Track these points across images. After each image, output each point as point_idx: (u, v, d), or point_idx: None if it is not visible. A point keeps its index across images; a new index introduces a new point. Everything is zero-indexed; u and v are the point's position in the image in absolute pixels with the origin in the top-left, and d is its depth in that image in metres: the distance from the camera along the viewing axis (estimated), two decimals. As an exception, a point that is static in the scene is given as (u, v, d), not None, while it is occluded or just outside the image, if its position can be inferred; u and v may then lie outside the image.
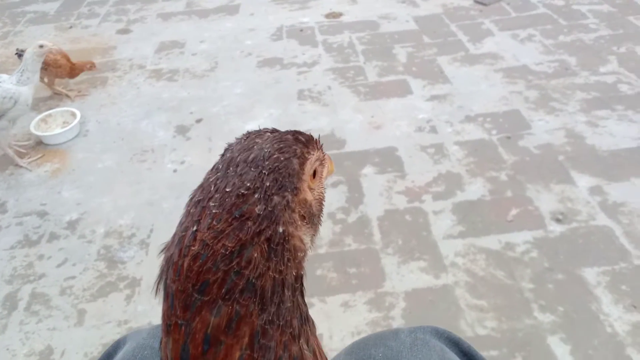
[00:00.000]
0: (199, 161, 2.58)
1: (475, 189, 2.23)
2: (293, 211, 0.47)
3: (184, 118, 2.90)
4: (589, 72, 2.92)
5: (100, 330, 1.84)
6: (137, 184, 2.48)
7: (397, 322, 1.74)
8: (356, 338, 1.69)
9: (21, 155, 2.68)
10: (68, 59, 3.05)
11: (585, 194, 2.14)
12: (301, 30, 3.69)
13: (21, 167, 2.64)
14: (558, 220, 2.03)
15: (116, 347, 0.79)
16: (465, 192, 2.22)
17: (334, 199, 2.28)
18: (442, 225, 2.08)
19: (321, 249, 2.05)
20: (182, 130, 2.81)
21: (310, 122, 2.77)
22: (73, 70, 3.08)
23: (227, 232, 0.43)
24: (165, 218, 2.27)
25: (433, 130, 2.60)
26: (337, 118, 2.77)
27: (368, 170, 2.40)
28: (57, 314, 1.91)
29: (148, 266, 2.06)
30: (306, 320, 0.48)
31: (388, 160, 2.45)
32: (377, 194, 2.27)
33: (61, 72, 3.05)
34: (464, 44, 3.30)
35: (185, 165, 2.57)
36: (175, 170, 2.54)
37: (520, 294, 1.77)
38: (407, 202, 2.21)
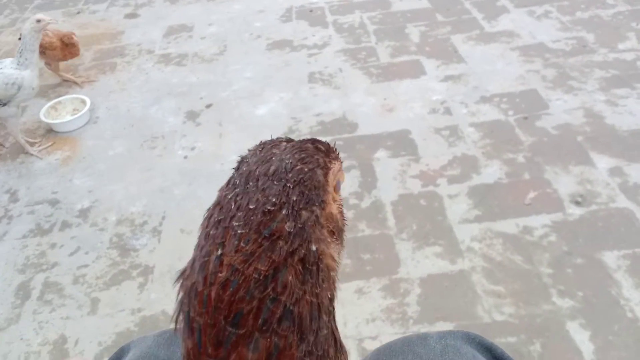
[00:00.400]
0: (209, 147, 2.56)
1: (492, 172, 2.18)
2: (322, 227, 0.43)
3: (193, 103, 2.87)
4: (608, 50, 2.82)
5: (114, 318, 1.84)
6: (147, 170, 2.46)
7: (412, 309, 1.71)
8: (371, 325, 1.67)
9: (32, 144, 2.67)
10: (62, 40, 3.00)
11: (605, 176, 2.08)
12: (311, 11, 3.62)
13: (32, 155, 2.63)
14: (577, 203, 1.98)
15: (120, 354, 0.76)
16: (481, 175, 2.17)
17: (346, 183, 2.23)
18: (458, 209, 2.04)
19: (334, 234, 2.02)
20: (192, 115, 2.78)
21: (322, 105, 2.72)
22: (65, 50, 3.02)
23: (257, 254, 0.39)
24: (177, 205, 2.26)
25: (447, 111, 2.54)
26: (349, 101, 2.72)
27: (381, 154, 2.36)
28: (70, 303, 1.91)
29: (161, 253, 2.05)
30: (340, 347, 0.44)
31: (401, 143, 2.40)
32: (391, 178, 2.23)
33: (56, 54, 3.01)
34: (479, 22, 3.21)
35: (195, 151, 2.54)
36: (185, 157, 2.52)
37: (539, 279, 1.73)
38: (421, 186, 2.17)
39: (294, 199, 0.42)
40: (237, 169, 0.47)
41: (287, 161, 0.45)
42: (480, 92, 2.63)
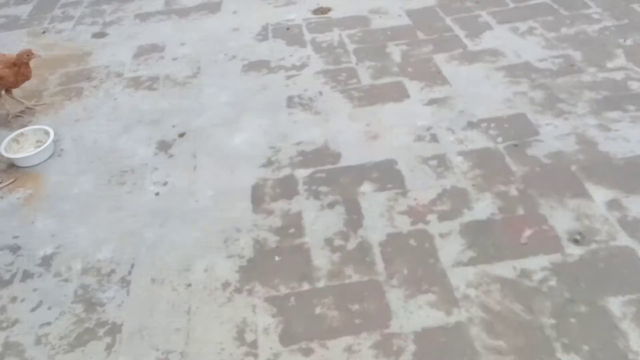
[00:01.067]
0: (182, 182, 2.39)
1: (484, 207, 2.06)
2: None
3: (165, 132, 2.70)
4: (596, 69, 2.74)
5: (79, 386, 1.67)
6: (116, 210, 2.29)
7: (407, 369, 1.57)
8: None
9: None
10: (14, 64, 2.81)
11: (603, 210, 1.98)
12: (288, 29, 3.48)
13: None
14: (576, 242, 1.87)
15: None
16: (473, 211, 2.04)
17: (330, 222, 2.10)
18: (451, 250, 1.91)
19: (319, 282, 1.88)
20: (164, 146, 2.61)
21: (302, 133, 2.58)
22: (18, 74, 2.83)
23: None
24: (147, 250, 2.09)
25: (434, 139, 2.42)
26: (330, 128, 2.58)
27: (366, 187, 2.22)
28: (31, 369, 1.73)
29: (130, 308, 1.88)
30: None
31: (387, 175, 2.27)
32: (378, 215, 2.09)
33: (6, 82, 2.84)
34: (462, 40, 3.10)
35: (168, 187, 2.38)
36: (157, 193, 2.35)
37: (541, 332, 1.61)
38: (410, 224, 2.04)
39: None
40: None
41: None
42: (467, 117, 2.52)
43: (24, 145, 2.70)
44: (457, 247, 1.92)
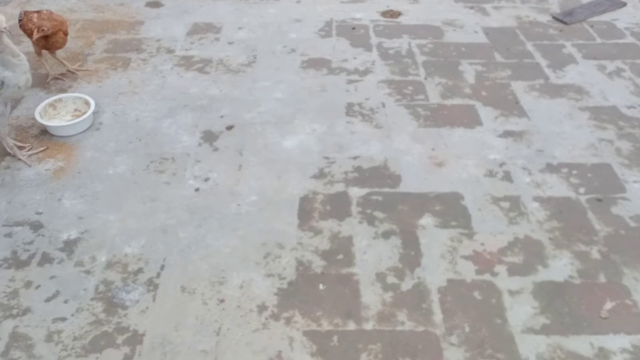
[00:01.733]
0: (226, 180, 2.19)
1: (561, 267, 1.82)
2: None
3: (213, 122, 2.50)
4: (692, 125, 2.47)
5: (88, 401, 1.48)
6: (151, 201, 2.09)
7: None
8: None
9: (20, 147, 2.30)
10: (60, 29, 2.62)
11: (699, 292, 1.73)
12: (353, 28, 3.25)
13: (20, 160, 2.25)
14: (666, 327, 1.63)
15: None
16: (549, 269, 1.81)
17: (384, 254, 1.88)
18: (521, 312, 1.68)
19: (367, 323, 1.66)
20: (209, 137, 2.41)
21: (360, 146, 2.36)
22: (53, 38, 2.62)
23: None
24: (180, 252, 1.89)
25: (507, 177, 2.18)
26: (392, 146, 2.36)
27: (427, 220, 2.00)
28: (37, 370, 1.55)
29: (154, 317, 1.69)
30: None
31: (452, 210, 2.04)
32: (439, 256, 1.87)
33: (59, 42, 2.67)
34: (543, 70, 2.85)
35: (209, 183, 2.18)
36: (197, 189, 2.15)
37: None
38: (475, 273, 1.81)
39: None
40: None
41: None
42: (545, 158, 2.27)
43: (61, 112, 2.52)
44: (528, 310, 1.69)
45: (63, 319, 1.68)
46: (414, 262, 1.85)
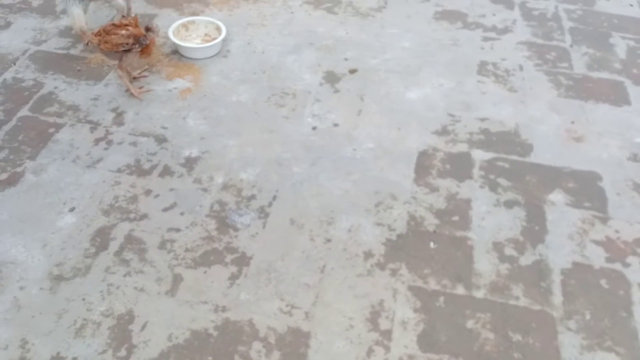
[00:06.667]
0: (344, 123, 2.14)
1: None
2: None
3: (336, 63, 2.43)
4: None
5: (193, 309, 1.53)
6: (269, 132, 2.09)
7: None
8: None
9: (135, 77, 2.30)
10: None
11: None
12: (495, -16, 3.01)
13: (131, 94, 2.25)
14: None
15: None
16: (693, 272, 1.61)
17: (505, 223, 1.76)
18: (654, 311, 1.51)
19: (478, 290, 1.57)
20: (331, 78, 2.36)
21: (490, 108, 2.20)
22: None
23: None
24: (292, 186, 1.88)
25: (655, 164, 1.95)
26: (526, 112, 2.18)
27: (557, 196, 1.84)
28: (149, 271, 1.61)
29: (262, 243, 1.70)
30: None
31: (587, 189, 1.86)
32: (566, 236, 1.72)
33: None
34: None
35: (327, 123, 2.13)
36: (314, 128, 2.11)
37: None
38: (605, 260, 1.65)
39: None
40: None
41: None
42: None
43: (192, 34, 2.57)
44: (663, 310, 1.51)
45: (177, 230, 1.74)
46: (537, 238, 1.71)
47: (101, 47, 2.14)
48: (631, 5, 2.87)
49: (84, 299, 1.54)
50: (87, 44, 2.18)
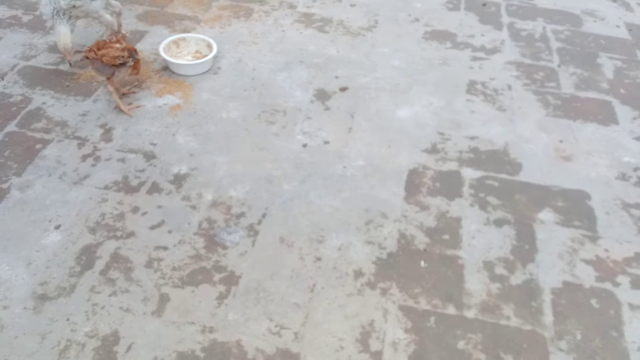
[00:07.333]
0: (334, 141, 2.13)
1: (698, 291, 1.61)
2: None
3: (327, 81, 2.44)
4: None
5: (180, 331, 1.50)
6: (259, 149, 2.08)
7: None
8: None
9: (126, 92, 2.29)
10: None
11: None
12: (484, 5, 3.05)
13: (121, 110, 2.23)
14: None
15: None
16: (682, 291, 1.61)
17: (495, 242, 1.75)
18: (643, 331, 1.51)
19: (469, 310, 1.56)
20: (322, 95, 2.36)
21: (479, 127, 2.21)
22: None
23: None
24: (282, 204, 1.87)
25: (642, 184, 1.97)
26: (514, 131, 2.19)
27: (547, 215, 1.84)
28: (135, 291, 1.59)
29: (252, 261, 1.68)
30: None
31: (576, 208, 1.87)
32: (556, 255, 1.71)
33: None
34: (696, 74, 2.54)
35: (317, 141, 2.13)
36: (305, 145, 2.11)
37: None
38: (595, 279, 1.65)
39: None
40: None
41: None
42: (690, 170, 2.02)
43: (183, 51, 2.57)
44: (653, 330, 1.51)
45: (165, 248, 1.72)
46: (527, 257, 1.71)
47: (102, 60, 2.12)
48: (618, 27, 2.93)
49: (68, 319, 1.51)
50: (70, 64, 2.18)
